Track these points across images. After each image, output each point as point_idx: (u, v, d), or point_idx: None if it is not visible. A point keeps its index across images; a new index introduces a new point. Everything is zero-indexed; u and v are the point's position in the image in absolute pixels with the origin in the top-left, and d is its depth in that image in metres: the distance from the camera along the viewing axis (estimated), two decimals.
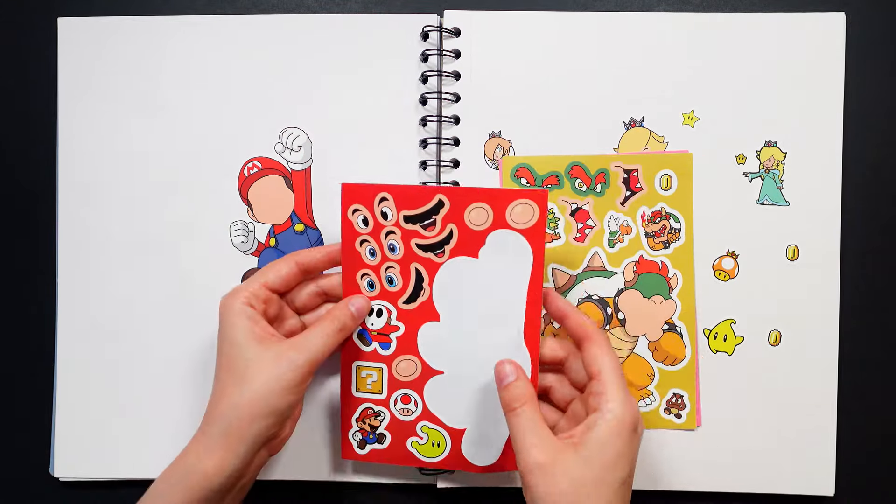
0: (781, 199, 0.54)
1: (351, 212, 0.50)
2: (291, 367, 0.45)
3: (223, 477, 0.44)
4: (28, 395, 0.57)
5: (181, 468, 0.45)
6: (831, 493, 0.54)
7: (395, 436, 0.53)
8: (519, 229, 0.49)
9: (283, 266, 0.49)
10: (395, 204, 0.49)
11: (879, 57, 0.55)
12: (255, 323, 0.47)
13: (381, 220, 0.50)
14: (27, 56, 0.56)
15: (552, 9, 0.55)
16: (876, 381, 0.55)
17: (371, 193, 0.50)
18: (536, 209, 0.48)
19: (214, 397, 0.46)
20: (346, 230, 0.50)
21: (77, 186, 0.55)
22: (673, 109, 0.54)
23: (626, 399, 0.45)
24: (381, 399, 0.53)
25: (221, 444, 0.44)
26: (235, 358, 0.46)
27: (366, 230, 0.50)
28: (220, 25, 0.55)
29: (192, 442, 0.46)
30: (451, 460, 0.52)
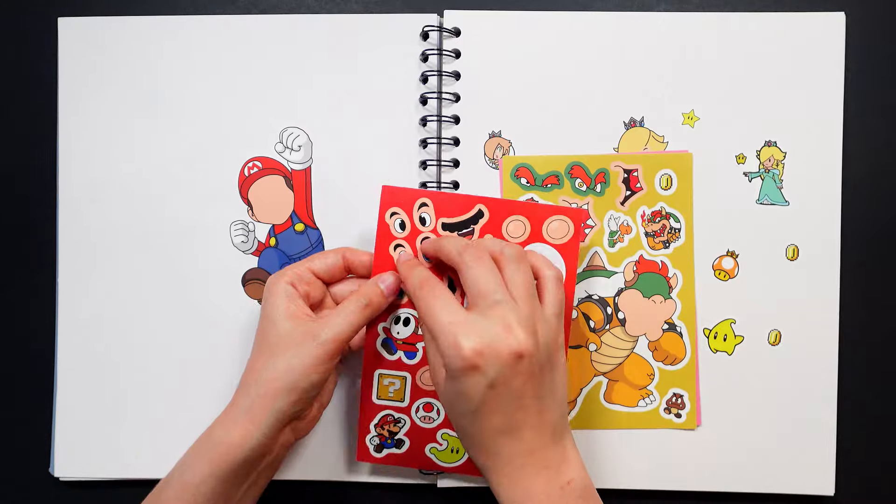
0: (781, 198, 0.54)
1: (389, 215, 0.50)
2: (315, 344, 0.46)
3: (247, 449, 0.45)
4: (28, 395, 0.57)
5: (208, 440, 0.46)
6: (831, 493, 0.54)
7: (413, 442, 0.53)
8: (554, 244, 0.50)
9: (332, 256, 0.50)
10: (434, 210, 0.50)
11: (879, 57, 0.55)
12: (292, 301, 0.48)
13: (419, 225, 0.50)
14: (27, 56, 0.56)
15: (552, 9, 0.55)
16: (876, 381, 0.55)
17: (411, 198, 0.50)
18: (572, 226, 0.50)
19: (247, 370, 0.47)
20: (381, 233, 0.50)
21: (77, 186, 0.55)
22: (673, 109, 0.54)
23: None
24: (403, 407, 0.53)
25: (247, 416, 0.45)
26: (268, 333, 0.47)
27: (402, 234, 0.50)
28: (220, 25, 0.55)
29: (221, 414, 0.47)
30: (468, 466, 0.53)
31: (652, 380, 0.54)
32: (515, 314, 0.43)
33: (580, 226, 0.50)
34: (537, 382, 0.43)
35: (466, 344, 0.42)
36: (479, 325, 0.42)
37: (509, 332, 0.42)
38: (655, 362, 0.54)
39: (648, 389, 0.54)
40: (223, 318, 0.55)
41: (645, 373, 0.54)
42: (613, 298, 0.54)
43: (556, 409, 0.44)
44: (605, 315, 0.54)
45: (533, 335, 0.43)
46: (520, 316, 0.43)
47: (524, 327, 0.42)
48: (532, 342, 0.42)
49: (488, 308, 0.43)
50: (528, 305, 0.44)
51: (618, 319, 0.54)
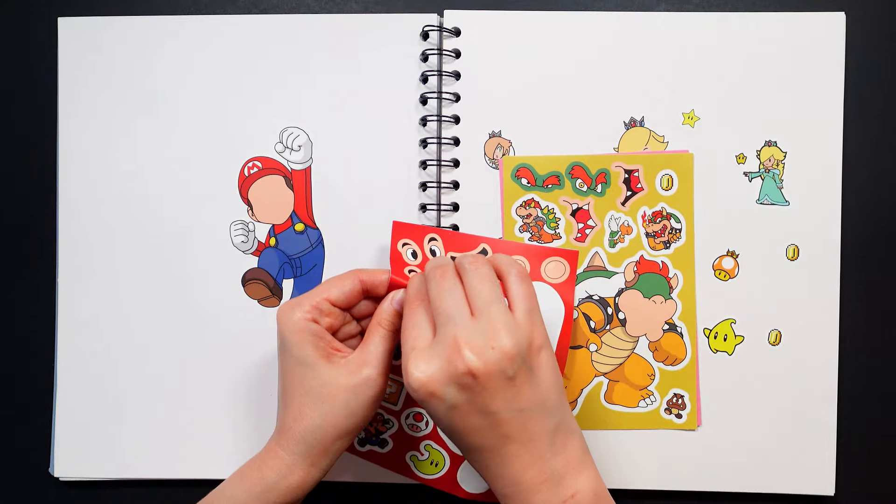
0: (781, 198, 0.54)
1: (401, 244, 0.51)
2: (369, 385, 0.45)
3: (305, 490, 0.46)
4: (28, 395, 0.57)
5: (260, 482, 0.45)
6: (831, 493, 0.54)
7: (396, 445, 0.53)
8: (552, 283, 0.51)
9: (348, 282, 0.48)
10: (443, 245, 0.51)
11: (879, 57, 0.55)
12: (320, 339, 0.46)
13: (429, 255, 0.51)
14: (27, 56, 0.56)
15: (552, 9, 0.55)
16: (876, 381, 0.55)
17: (421, 233, 0.51)
18: (568, 267, 0.51)
19: (290, 416, 0.46)
20: (395, 261, 0.50)
21: (77, 186, 0.55)
22: (673, 109, 0.54)
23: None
24: (395, 409, 0.54)
25: (305, 462, 0.45)
26: (307, 378, 0.46)
27: (415, 262, 0.51)
28: (220, 25, 0.55)
29: (268, 457, 0.46)
30: (444, 482, 0.53)
31: (652, 380, 0.54)
32: (466, 331, 0.41)
33: (575, 265, 0.52)
34: (511, 395, 0.41)
35: (416, 372, 0.41)
36: (434, 349, 0.42)
37: (458, 353, 0.40)
38: (656, 363, 0.54)
39: (649, 390, 0.54)
40: (223, 318, 0.55)
41: (645, 373, 0.54)
42: (614, 299, 0.54)
43: (546, 418, 0.42)
44: (605, 315, 0.54)
45: (489, 351, 0.41)
46: (473, 332, 0.41)
47: (474, 346, 0.41)
48: (483, 359, 0.40)
49: (443, 327, 0.42)
50: (486, 317, 0.42)
51: (618, 320, 0.54)
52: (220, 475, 0.55)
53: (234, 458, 0.55)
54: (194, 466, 0.55)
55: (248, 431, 0.55)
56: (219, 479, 0.54)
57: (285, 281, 0.55)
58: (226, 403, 0.55)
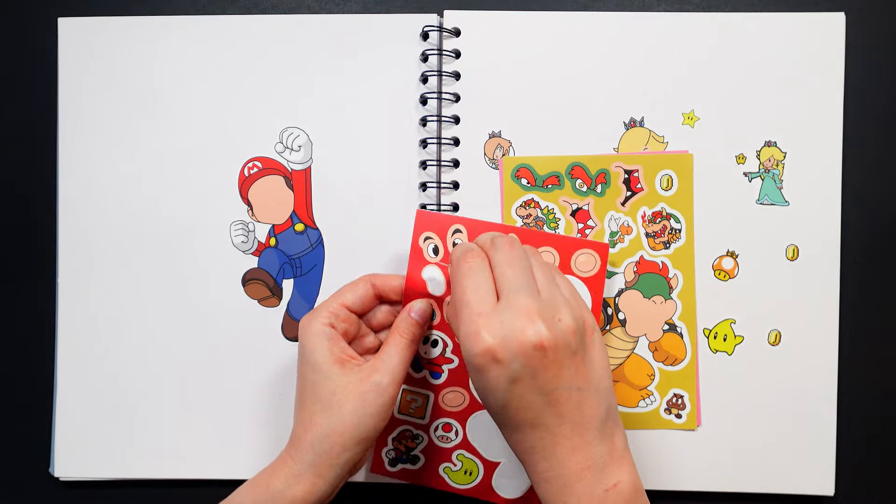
0: (781, 199, 0.54)
1: (422, 239, 0.50)
2: (378, 393, 0.45)
3: (313, 500, 0.45)
4: (28, 395, 0.57)
5: (266, 491, 0.45)
6: (831, 493, 0.54)
7: (428, 459, 0.53)
8: (582, 277, 0.50)
9: (361, 287, 0.48)
10: (468, 237, 0.50)
11: (879, 57, 0.55)
12: (335, 344, 0.46)
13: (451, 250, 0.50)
14: (27, 56, 0.56)
15: (552, 9, 0.55)
16: (876, 380, 0.55)
17: (445, 224, 0.50)
18: (598, 260, 0.50)
19: (301, 425, 0.46)
20: (414, 257, 0.50)
21: (77, 186, 0.55)
22: (673, 109, 0.54)
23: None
24: (422, 424, 0.53)
25: (312, 472, 0.44)
26: (319, 385, 0.45)
27: (435, 259, 0.50)
28: (220, 25, 0.55)
29: (277, 466, 0.45)
30: (480, 489, 0.53)
31: (652, 380, 0.54)
32: (538, 304, 0.41)
33: (606, 259, 0.50)
34: (572, 372, 0.41)
35: (486, 335, 0.40)
36: (502, 315, 0.41)
37: (532, 323, 0.40)
38: (656, 363, 0.54)
39: (649, 390, 0.54)
40: (223, 318, 0.55)
41: (645, 373, 0.54)
42: (614, 299, 0.54)
43: (600, 401, 0.42)
44: (605, 315, 0.54)
45: (557, 323, 0.41)
46: (542, 305, 0.41)
47: (547, 318, 0.41)
48: (553, 332, 0.40)
49: (513, 297, 0.41)
50: (551, 293, 0.42)
51: (618, 320, 0.54)
52: (219, 475, 0.55)
53: (233, 458, 0.55)
54: (194, 466, 0.55)
55: (249, 431, 0.55)
56: (218, 479, 0.55)
57: (285, 281, 0.55)
58: (226, 403, 0.55)
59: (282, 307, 0.55)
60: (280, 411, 0.55)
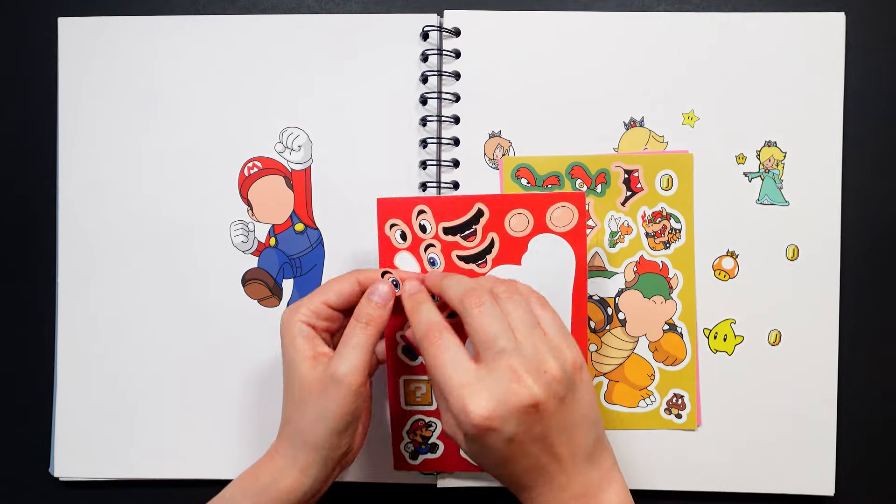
0: (781, 199, 0.54)
1: (388, 227, 0.49)
2: (335, 384, 0.44)
3: (299, 494, 0.45)
4: (28, 395, 0.57)
5: (255, 484, 0.45)
6: (831, 493, 0.54)
7: (447, 444, 0.53)
8: (560, 233, 0.48)
9: (346, 284, 0.48)
10: (433, 216, 0.49)
11: (879, 57, 0.55)
12: (309, 341, 0.46)
13: (419, 233, 0.49)
14: (27, 56, 0.56)
15: (552, 9, 0.55)
16: (876, 380, 0.56)
17: (408, 207, 0.49)
18: (576, 211, 0.49)
19: (284, 419, 0.46)
20: (383, 246, 0.49)
21: (77, 186, 0.55)
22: (673, 109, 0.54)
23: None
24: (432, 410, 0.53)
25: (294, 466, 0.45)
26: (293, 381, 0.46)
27: (404, 245, 0.49)
28: (220, 25, 0.55)
29: (265, 459, 0.46)
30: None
31: (652, 380, 0.54)
32: (522, 359, 0.41)
33: (584, 209, 0.49)
34: (562, 416, 0.41)
35: (477, 409, 0.40)
36: (487, 382, 0.41)
37: (520, 383, 0.40)
38: (656, 363, 0.54)
39: (649, 390, 0.54)
40: (223, 318, 0.55)
41: (645, 373, 0.54)
42: (614, 299, 0.54)
43: (588, 431, 0.43)
44: (605, 315, 0.54)
45: (543, 376, 0.41)
46: (526, 360, 0.41)
47: (533, 373, 0.41)
48: (543, 387, 0.41)
49: (495, 358, 0.41)
50: (532, 343, 0.42)
51: (618, 320, 0.54)
52: (219, 475, 0.55)
53: (233, 458, 0.55)
54: (194, 466, 0.55)
55: (249, 431, 0.55)
56: (218, 479, 0.55)
57: (285, 281, 0.55)
58: (226, 403, 0.55)
59: (282, 307, 0.55)
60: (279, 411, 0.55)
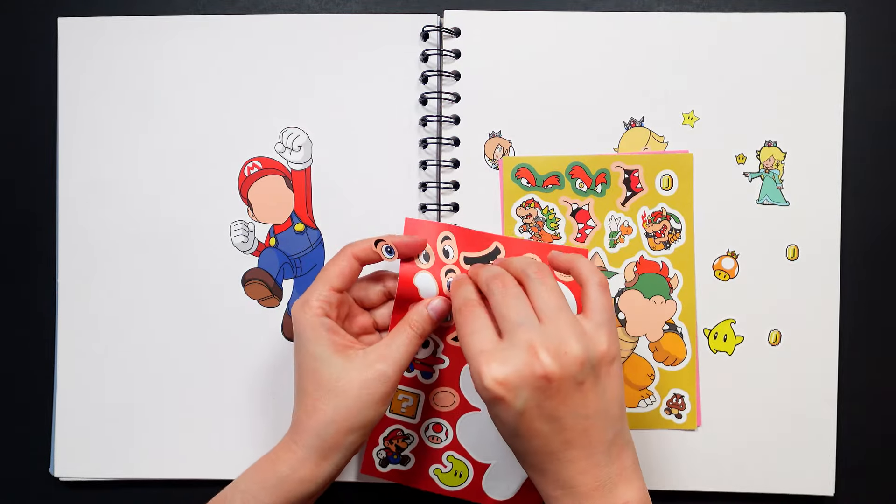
0: (781, 199, 0.54)
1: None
2: (382, 380, 0.45)
3: (318, 485, 0.46)
4: (28, 395, 0.57)
5: (272, 475, 0.45)
6: (831, 493, 0.54)
7: (419, 460, 0.53)
8: (564, 281, 0.49)
9: (343, 263, 0.48)
10: (456, 243, 0.50)
11: (879, 57, 0.55)
12: (335, 333, 0.46)
13: (442, 257, 0.49)
14: (27, 56, 0.56)
15: (552, 9, 0.55)
16: (876, 381, 0.55)
17: (434, 231, 0.49)
18: None
19: (304, 411, 0.46)
20: (405, 264, 0.49)
21: (77, 186, 0.55)
22: (673, 109, 0.54)
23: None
24: (413, 423, 0.53)
25: (317, 456, 0.45)
26: (321, 372, 0.46)
27: (426, 266, 0.49)
28: (220, 25, 0.55)
29: (281, 451, 0.46)
30: (470, 491, 0.53)
31: (652, 380, 0.54)
32: (540, 335, 0.41)
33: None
34: (578, 401, 0.41)
35: (488, 374, 0.41)
36: (504, 353, 0.41)
37: (534, 357, 0.41)
38: (656, 363, 0.54)
39: (649, 390, 0.54)
40: (223, 318, 0.55)
41: (645, 373, 0.54)
42: (614, 299, 0.54)
43: (607, 426, 0.42)
44: None
45: (561, 355, 0.41)
46: (545, 337, 0.41)
47: (549, 349, 0.41)
48: (559, 363, 0.41)
49: (515, 332, 0.42)
50: (555, 323, 0.42)
51: (618, 320, 0.54)
52: (220, 475, 0.55)
53: (234, 457, 0.55)
54: (194, 466, 0.55)
55: (249, 431, 0.55)
56: (218, 479, 0.54)
57: (285, 281, 0.55)
58: (225, 403, 0.55)
59: (282, 307, 0.55)
60: (279, 411, 0.55)
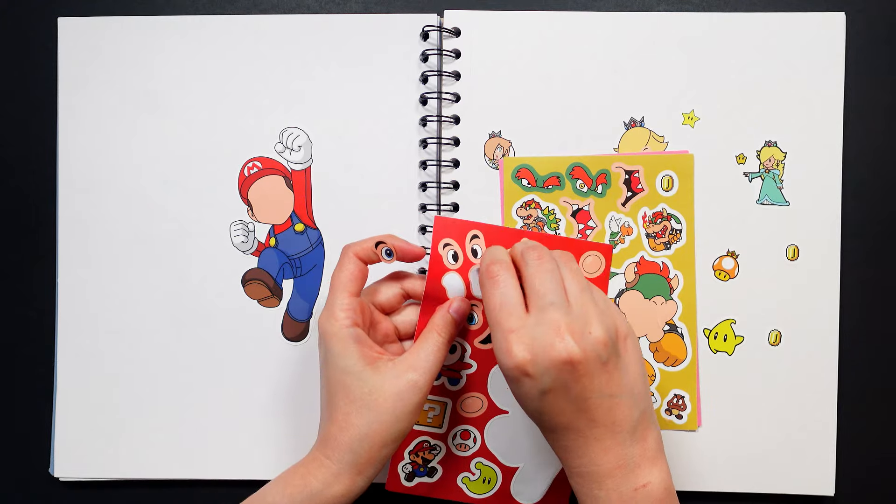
0: (781, 199, 0.54)
1: (442, 246, 0.50)
2: (414, 390, 0.45)
3: (350, 499, 0.45)
4: (28, 395, 0.57)
5: (303, 490, 0.44)
6: (831, 493, 0.54)
7: (447, 470, 0.53)
8: (589, 278, 0.50)
9: (350, 265, 0.48)
10: (485, 242, 0.50)
11: (879, 57, 0.55)
12: (364, 345, 0.46)
13: (471, 257, 0.49)
14: (27, 56, 0.56)
15: (552, 9, 0.55)
16: (876, 381, 0.56)
17: (463, 230, 0.49)
18: (603, 261, 0.50)
19: (336, 426, 0.45)
20: (434, 264, 0.49)
21: (77, 186, 0.55)
22: (673, 109, 0.54)
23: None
24: (440, 433, 0.53)
25: (352, 470, 0.45)
26: (352, 387, 0.45)
27: (455, 266, 0.49)
28: (220, 25, 0.55)
29: (313, 466, 0.45)
30: (498, 498, 0.52)
31: (653, 381, 0.54)
32: (568, 318, 0.42)
33: (610, 260, 0.50)
34: (604, 381, 0.42)
35: (517, 354, 0.41)
36: (531, 331, 0.42)
37: (561, 338, 0.41)
38: (656, 363, 0.54)
39: (650, 390, 0.54)
40: (223, 318, 0.55)
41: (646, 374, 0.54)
42: (615, 300, 0.54)
43: (633, 406, 0.43)
44: None
45: (587, 337, 0.41)
46: (573, 319, 0.42)
47: (577, 332, 0.41)
48: (583, 346, 0.41)
49: (543, 309, 0.42)
50: (582, 304, 0.43)
51: None
52: (219, 475, 0.55)
53: (233, 457, 0.55)
54: (194, 466, 0.55)
55: (248, 431, 0.55)
56: (218, 479, 0.55)
57: (285, 281, 0.55)
58: (225, 403, 0.55)
59: (282, 307, 0.55)
60: (279, 411, 0.55)
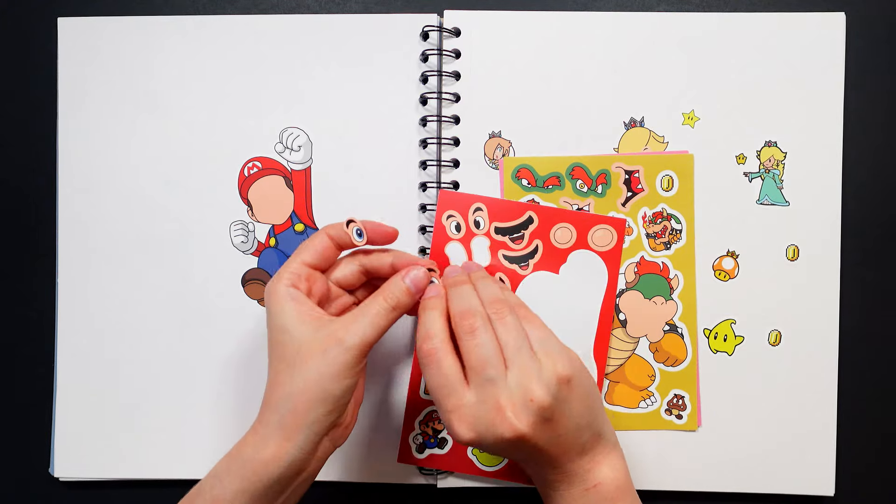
0: (781, 199, 0.54)
1: (445, 217, 0.52)
2: (341, 350, 0.43)
3: (282, 467, 0.43)
4: (28, 395, 0.57)
5: (238, 458, 0.44)
6: (831, 493, 0.54)
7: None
8: (598, 251, 0.51)
9: (317, 241, 0.47)
10: (488, 214, 0.52)
11: (879, 57, 0.55)
12: (301, 304, 0.45)
13: (473, 228, 0.52)
14: (27, 56, 0.56)
15: (552, 9, 0.55)
16: (876, 381, 0.56)
17: (467, 202, 0.52)
18: (615, 234, 0.52)
19: (269, 386, 0.45)
20: (437, 234, 0.52)
21: (77, 186, 0.55)
22: (673, 109, 0.54)
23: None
24: None
25: (278, 433, 0.43)
26: (285, 344, 0.44)
27: (457, 236, 0.52)
28: (220, 25, 0.55)
29: (249, 432, 0.45)
30: (508, 471, 0.53)
31: (653, 381, 0.54)
32: (507, 391, 0.42)
33: (623, 233, 0.51)
34: (551, 432, 0.43)
35: (461, 431, 0.42)
36: (473, 410, 0.42)
37: (502, 417, 0.42)
38: (656, 363, 0.54)
39: (649, 391, 0.54)
40: (223, 318, 0.55)
41: (646, 374, 0.54)
42: (615, 300, 0.54)
43: (579, 435, 0.44)
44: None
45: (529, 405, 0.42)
46: (511, 391, 0.42)
47: (519, 406, 0.42)
48: (526, 420, 0.42)
49: (482, 386, 0.43)
50: (517, 368, 0.43)
51: (619, 321, 0.54)
52: None
53: None
54: (194, 467, 0.55)
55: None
56: None
57: None
58: (226, 403, 0.55)
59: None
60: None
